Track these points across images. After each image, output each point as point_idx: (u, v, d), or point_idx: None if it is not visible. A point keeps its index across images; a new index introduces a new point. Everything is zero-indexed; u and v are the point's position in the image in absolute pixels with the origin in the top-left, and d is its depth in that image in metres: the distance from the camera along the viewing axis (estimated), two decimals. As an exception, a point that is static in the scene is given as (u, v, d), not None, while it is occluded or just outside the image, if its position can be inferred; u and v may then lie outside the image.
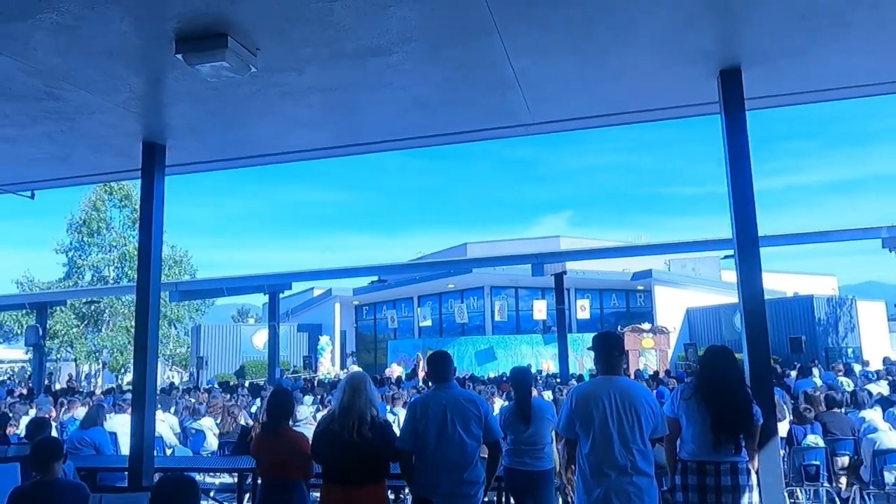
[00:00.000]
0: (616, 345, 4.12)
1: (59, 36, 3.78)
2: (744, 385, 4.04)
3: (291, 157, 6.15)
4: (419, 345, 27.87)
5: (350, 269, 22.42)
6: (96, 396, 15.19)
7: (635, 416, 3.81)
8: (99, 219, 31.61)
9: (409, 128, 5.48)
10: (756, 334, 4.22)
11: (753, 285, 4.28)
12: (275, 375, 21.46)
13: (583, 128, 5.48)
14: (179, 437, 9.72)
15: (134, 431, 5.15)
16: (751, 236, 4.33)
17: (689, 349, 22.83)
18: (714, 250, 21.43)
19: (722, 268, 31.41)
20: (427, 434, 3.95)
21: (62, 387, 22.14)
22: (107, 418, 8.64)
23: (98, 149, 5.73)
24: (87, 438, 7.20)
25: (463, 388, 4.44)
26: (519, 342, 26.21)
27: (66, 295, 28.02)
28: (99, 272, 32.19)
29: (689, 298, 26.83)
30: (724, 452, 3.91)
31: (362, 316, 33.93)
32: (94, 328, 32.25)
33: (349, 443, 3.88)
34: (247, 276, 23.01)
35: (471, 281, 28.00)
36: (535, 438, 5.14)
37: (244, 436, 8.08)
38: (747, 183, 4.38)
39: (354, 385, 4.02)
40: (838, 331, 22.29)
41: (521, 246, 28.68)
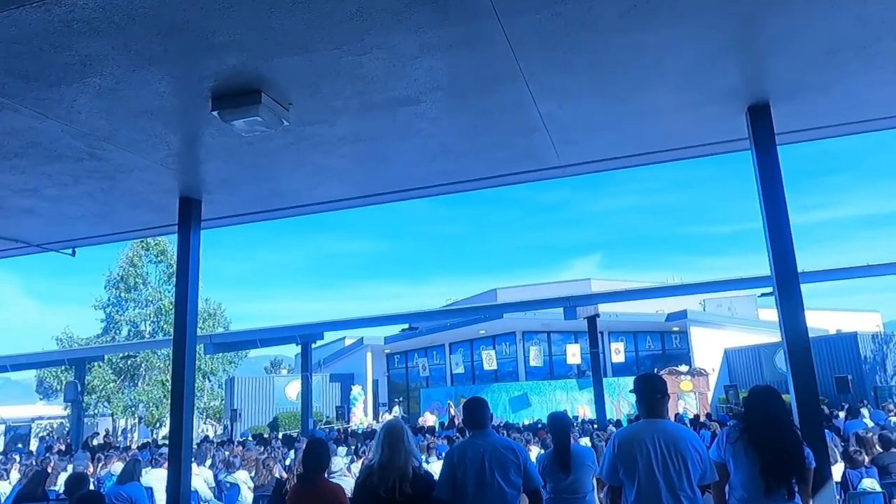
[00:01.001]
0: (659, 387, 4.00)
1: (101, 99, 3.94)
2: (793, 426, 3.89)
3: (323, 207, 6.25)
4: (451, 392, 27.53)
5: (381, 318, 22.42)
6: (132, 451, 15.26)
7: (682, 462, 3.68)
8: (136, 274, 32.33)
9: (438, 174, 5.55)
10: (802, 373, 4.09)
11: (796, 322, 4.17)
12: (308, 426, 21.34)
13: (612, 168, 5.49)
14: (214, 490, 9.67)
15: (170, 487, 5.14)
16: (790, 272, 4.24)
17: (730, 391, 22.14)
18: (750, 288, 20.98)
19: (759, 306, 30.69)
20: (465, 483, 3.85)
21: (99, 442, 22.29)
22: (143, 473, 8.65)
23: (137, 205, 5.90)
24: (124, 494, 7.19)
25: (501, 436, 4.35)
26: (553, 388, 25.72)
27: (103, 350, 28.47)
28: (136, 327, 32.75)
29: (726, 339, 26.17)
30: (777, 498, 3.73)
31: (394, 364, 33.75)
32: (130, 383, 32.63)
33: (388, 501, 3.78)
34: (279, 328, 23.15)
35: (502, 326, 27.75)
36: (576, 486, 4.99)
37: (279, 489, 8.00)
38: (783, 218, 4.32)
39: (393, 439, 3.93)
40: (886, 369, 21.43)
41: (551, 290, 28.44)
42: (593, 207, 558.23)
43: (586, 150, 5.12)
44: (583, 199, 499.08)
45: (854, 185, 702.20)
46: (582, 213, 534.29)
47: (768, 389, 4.08)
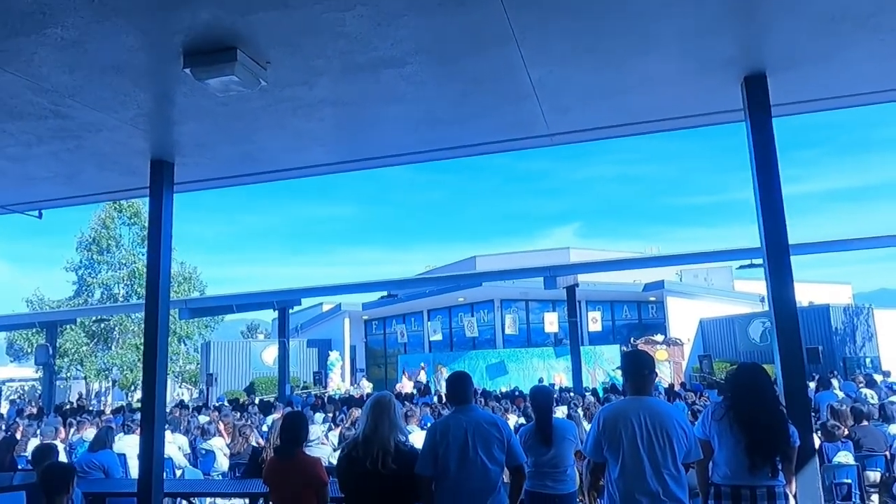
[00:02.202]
0: (647, 364, 3.93)
1: (64, 52, 3.68)
2: (778, 404, 3.86)
3: (301, 172, 6.04)
4: (429, 359, 27.64)
5: (359, 285, 22.29)
6: (106, 417, 15.07)
7: (667, 440, 3.63)
8: (108, 237, 31.69)
9: (422, 141, 5.36)
10: (790, 347, 4.05)
11: (785, 296, 4.11)
12: (285, 392, 21.29)
13: (602, 138, 5.34)
14: (189, 457, 9.57)
15: (143, 455, 5.02)
16: (781, 245, 4.16)
17: (704, 361, 22.51)
18: (729, 260, 21.15)
19: (735, 277, 31.08)
20: (448, 459, 3.77)
21: (72, 405, 22.04)
22: (116, 439, 8.51)
23: (105, 167, 5.63)
24: (95, 461, 7.06)
25: (484, 411, 4.27)
26: (530, 356, 25.93)
27: (75, 313, 28.02)
28: (109, 290, 32.22)
29: (702, 309, 26.50)
30: (760, 476, 3.71)
31: (372, 331, 33.74)
32: (103, 346, 32.24)
33: (372, 473, 3.72)
34: (256, 293, 22.91)
35: (481, 294, 27.79)
36: (557, 461, 4.95)
37: (255, 457, 7.91)
38: (775, 190, 4.23)
39: (378, 411, 3.85)
40: (856, 340, 21.91)
41: (530, 259, 28.47)
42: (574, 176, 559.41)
43: (577, 118, 4.96)
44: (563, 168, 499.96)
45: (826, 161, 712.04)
46: (562, 183, 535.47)
47: (755, 367, 4.03)
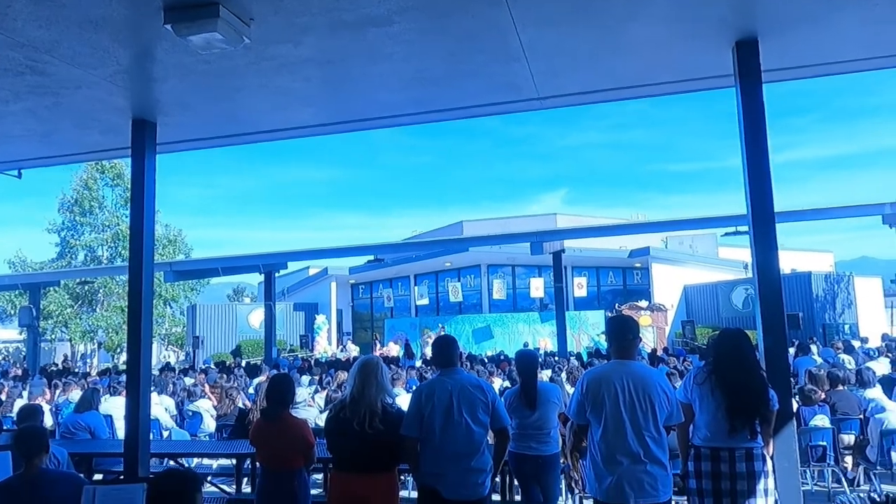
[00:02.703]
0: (631, 329, 3.96)
1: (40, 5, 3.55)
2: (759, 369, 3.92)
3: (286, 134, 5.93)
4: (416, 323, 27.81)
5: (346, 249, 22.26)
6: (91, 378, 15.09)
7: (649, 403, 3.68)
8: (91, 198, 31.27)
9: (410, 103, 5.27)
10: (771, 314, 4.08)
11: (769, 263, 4.13)
12: (271, 355, 21.38)
13: (591, 102, 5.28)
14: (176, 418, 9.62)
15: (129, 416, 5.01)
16: (767, 212, 4.17)
17: (687, 326, 22.83)
18: (714, 227, 21.29)
19: (720, 245, 31.34)
20: (433, 421, 3.82)
21: (57, 367, 22.01)
22: (102, 401, 8.52)
23: (85, 126, 5.50)
24: (81, 423, 7.08)
25: (469, 374, 4.31)
26: (516, 320, 26.16)
27: (59, 275, 27.79)
28: (92, 252, 31.93)
29: (686, 276, 26.77)
30: (739, 438, 3.79)
31: (358, 295, 33.80)
32: (88, 308, 32.08)
33: (360, 434, 3.76)
34: (242, 256, 22.81)
35: (468, 259, 27.86)
36: (541, 423, 5.03)
37: (242, 418, 7.97)
38: (763, 157, 4.21)
39: (365, 373, 3.88)
40: (836, 307, 22.27)
41: (517, 224, 28.51)
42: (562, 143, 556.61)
43: (566, 82, 4.89)
44: (551, 133, 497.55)
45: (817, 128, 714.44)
46: (550, 148, 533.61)
47: (738, 333, 4.08)
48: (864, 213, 16.14)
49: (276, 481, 4.23)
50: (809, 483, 7.00)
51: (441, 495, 3.79)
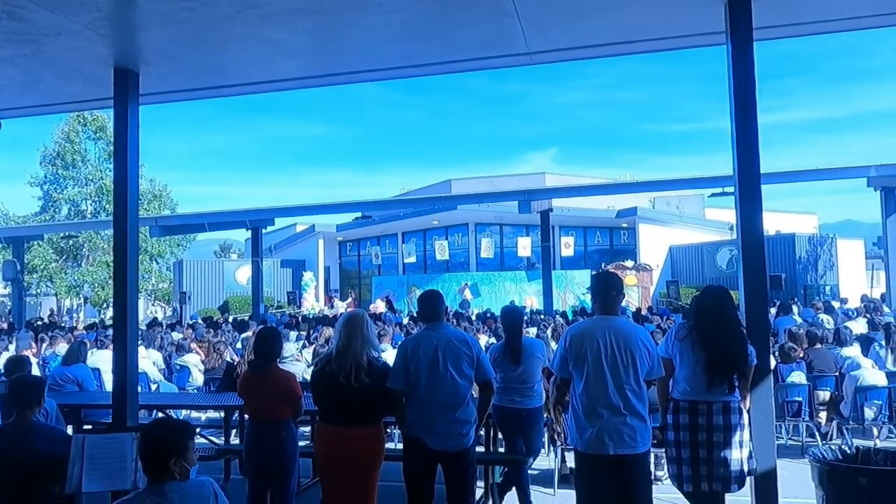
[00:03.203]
0: (614, 285, 4.03)
1: (15, -54, 3.43)
2: (739, 326, 4.00)
3: (272, 86, 5.84)
4: (403, 281, 27.91)
5: (334, 205, 22.19)
6: (78, 332, 15.09)
7: (630, 358, 3.76)
8: (73, 151, 30.74)
9: (398, 56, 5.19)
10: (754, 274, 4.13)
11: (753, 224, 4.16)
12: (259, 311, 21.44)
13: (581, 58, 5.23)
14: (164, 372, 9.69)
15: (116, 368, 5.04)
16: (753, 173, 4.18)
17: (671, 286, 23.08)
18: (702, 188, 21.40)
19: (706, 205, 31.49)
20: (419, 374, 3.88)
21: (43, 321, 21.97)
22: (89, 354, 8.55)
23: (67, 74, 5.37)
24: (69, 375, 7.11)
25: (455, 328, 4.36)
26: (503, 279, 26.32)
27: (42, 229, 27.52)
28: (76, 206, 31.56)
29: (672, 236, 26.96)
30: (717, 393, 3.89)
31: (346, 252, 33.78)
32: (73, 263, 31.87)
33: (346, 387, 3.81)
34: (229, 212, 22.67)
35: (455, 217, 27.83)
36: (525, 377, 5.12)
37: (230, 372, 8.04)
38: (752, 118, 4.20)
39: (351, 327, 3.91)
40: (818, 269, 22.59)
41: (505, 183, 28.41)
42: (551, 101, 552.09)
43: (557, 38, 4.83)
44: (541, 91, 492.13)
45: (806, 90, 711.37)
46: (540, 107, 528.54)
47: (720, 290, 4.16)
48: (849, 176, 16.27)
49: (263, 432, 4.30)
50: (784, 437, 7.22)
51: (426, 446, 3.88)
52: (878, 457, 3.93)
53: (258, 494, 4.33)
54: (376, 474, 3.99)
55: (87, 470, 3.75)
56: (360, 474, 3.91)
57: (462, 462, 3.94)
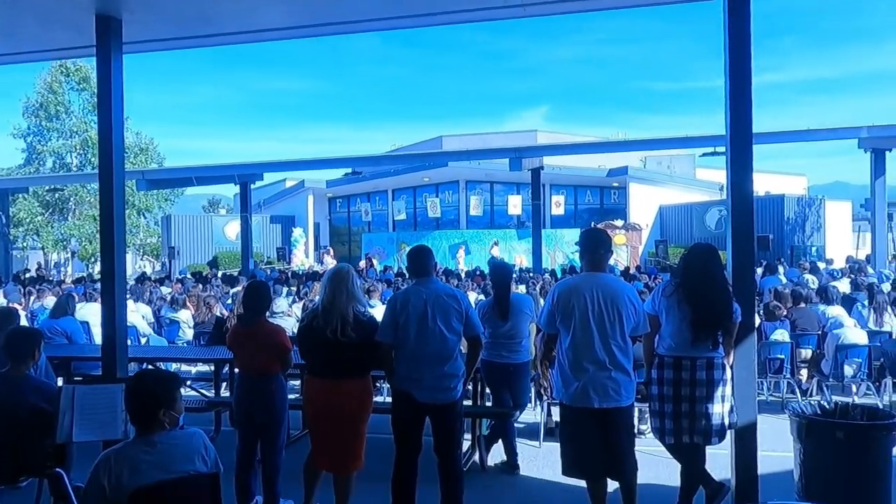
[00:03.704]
0: (603, 242, 4.04)
1: None
2: (726, 283, 4.03)
3: (261, 36, 5.69)
4: (393, 238, 27.90)
5: (324, 161, 21.97)
6: (66, 286, 15.04)
7: (616, 313, 3.80)
8: (56, 102, 30.10)
9: (389, 4, 5.06)
10: (742, 232, 4.15)
11: (743, 183, 4.16)
12: (248, 266, 21.42)
13: (576, 11, 5.11)
14: (154, 326, 9.70)
15: (105, 321, 5.03)
16: (745, 133, 4.16)
17: (660, 246, 23.24)
18: (694, 147, 21.32)
19: (697, 166, 31.47)
20: (408, 328, 3.90)
21: (31, 275, 21.85)
22: (78, 307, 8.53)
23: (47, 21, 5.21)
24: (58, 328, 7.11)
25: (444, 284, 4.37)
26: (493, 237, 26.37)
27: (27, 182, 27.15)
28: (61, 159, 31.06)
29: (663, 196, 26.99)
30: (702, 349, 3.95)
31: (336, 208, 33.62)
32: (60, 217, 31.55)
33: (332, 342, 3.83)
34: (217, 166, 22.44)
35: (446, 175, 27.69)
36: (513, 332, 5.17)
37: (219, 326, 8.07)
38: (746, 76, 4.15)
39: (336, 281, 3.92)
40: (805, 230, 22.76)
41: (497, 140, 28.23)
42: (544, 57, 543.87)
43: (551, -13, 4.72)
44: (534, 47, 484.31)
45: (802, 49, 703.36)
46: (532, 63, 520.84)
47: (708, 248, 4.18)
48: (841, 137, 16.25)
49: (253, 385, 4.33)
50: (765, 393, 7.37)
51: (415, 399, 3.92)
52: (855, 412, 4.02)
53: (248, 446, 4.39)
54: (364, 427, 4.05)
55: (78, 420, 3.77)
56: (348, 427, 3.96)
57: (450, 415, 3.99)
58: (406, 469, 3.97)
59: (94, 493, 2.48)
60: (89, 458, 2.79)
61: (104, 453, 2.57)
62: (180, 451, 2.62)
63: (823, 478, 3.71)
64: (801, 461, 3.85)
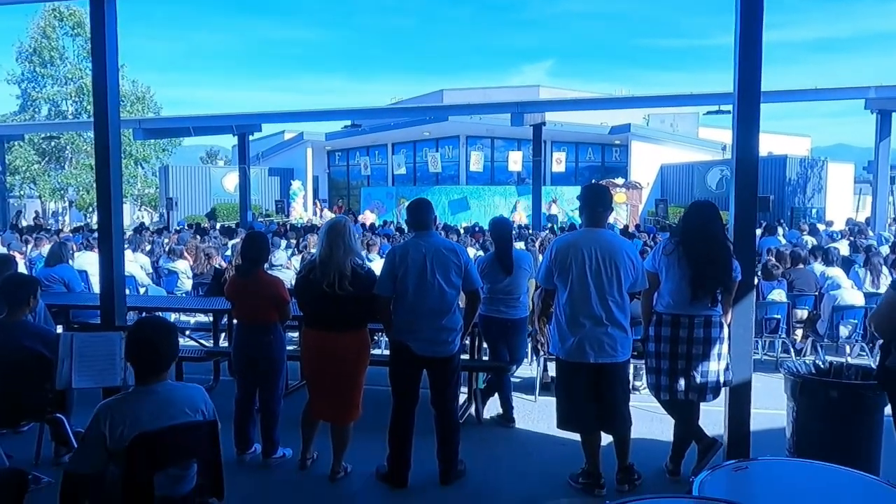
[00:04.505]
0: (602, 199, 4.00)
1: None
2: (726, 241, 4.01)
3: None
4: (392, 192, 27.77)
5: (323, 112, 21.70)
6: (63, 234, 15.00)
7: (614, 269, 3.79)
8: (51, 48, 29.47)
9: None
10: (745, 192, 4.10)
11: (749, 141, 4.10)
12: (247, 218, 21.37)
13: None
14: (152, 277, 9.71)
15: (103, 269, 5.03)
16: (754, 91, 4.07)
17: (660, 205, 23.15)
18: (698, 105, 21.04)
19: (700, 125, 31.13)
20: (406, 281, 3.89)
21: (29, 224, 21.80)
22: (76, 256, 8.51)
23: (37, -40, 5.06)
24: (55, 275, 7.10)
25: (443, 238, 4.35)
26: (493, 193, 26.24)
27: (22, 129, 26.83)
28: (56, 106, 30.60)
29: (665, 154, 26.76)
30: (700, 307, 3.95)
31: (335, 161, 33.36)
32: (56, 165, 31.28)
33: (330, 295, 3.82)
34: (215, 116, 22.16)
35: (447, 129, 27.40)
36: (511, 288, 5.17)
37: (218, 277, 8.07)
38: (757, 33, 4.04)
39: (333, 234, 3.88)
40: (806, 191, 22.66)
41: (499, 94, 27.80)
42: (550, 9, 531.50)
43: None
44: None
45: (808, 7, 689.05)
46: (538, 16, 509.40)
47: (708, 205, 4.14)
48: (847, 97, 16.03)
49: (251, 334, 4.35)
50: (760, 352, 7.44)
51: (412, 351, 3.94)
52: (849, 372, 4.05)
53: (246, 395, 4.43)
54: (361, 378, 4.08)
55: (77, 367, 3.80)
56: (346, 378, 3.99)
57: (447, 368, 4.02)
58: (403, 420, 4.01)
59: (94, 439, 2.50)
60: (90, 404, 2.80)
61: (105, 402, 2.59)
62: (180, 400, 2.64)
63: (815, 436, 3.76)
64: (793, 419, 3.89)
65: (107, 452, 2.49)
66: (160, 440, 2.52)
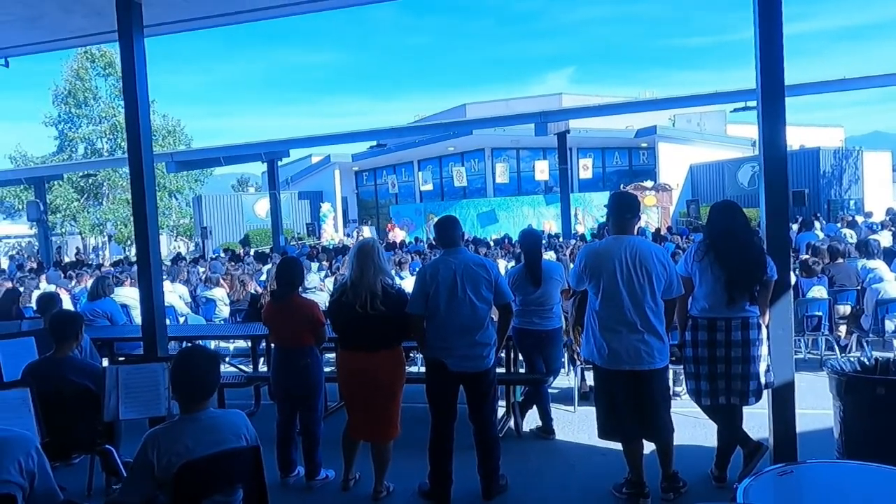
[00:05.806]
0: (629, 206, 3.98)
1: None
2: (754, 236, 3.96)
3: (280, 11, 5.67)
4: (421, 209, 27.91)
5: (348, 134, 21.90)
6: (105, 269, 15.41)
7: (646, 276, 3.76)
8: (84, 89, 30.48)
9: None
10: (775, 189, 4.04)
11: (776, 138, 4.04)
12: (279, 243, 21.67)
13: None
14: (191, 306, 9.91)
15: (143, 301, 5.17)
16: (777, 86, 4.02)
17: (692, 205, 22.82)
18: (723, 103, 20.75)
19: (728, 122, 30.67)
20: (437, 298, 3.92)
21: (70, 260, 22.44)
22: (116, 291, 8.72)
23: (69, 8, 5.27)
24: (98, 310, 7.30)
25: (473, 253, 4.37)
26: (521, 203, 26.19)
27: (61, 169, 27.67)
28: (92, 144, 31.58)
29: (693, 154, 26.41)
30: (737, 308, 3.89)
31: (362, 182, 33.70)
32: (94, 201, 32.20)
33: (362, 315, 3.88)
34: (243, 145, 22.56)
35: (471, 143, 27.47)
36: (544, 299, 5.16)
37: (254, 303, 8.21)
38: (777, 24, 4.01)
39: (362, 256, 3.94)
40: (842, 183, 22.12)
41: (521, 105, 27.81)
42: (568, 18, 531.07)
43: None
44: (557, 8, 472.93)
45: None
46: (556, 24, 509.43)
47: (727, 204, 4.09)
48: (879, 84, 15.64)
49: (289, 359, 4.42)
50: (803, 351, 7.27)
51: (448, 368, 3.96)
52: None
53: (287, 418, 4.49)
54: (398, 397, 4.11)
55: (123, 399, 3.90)
56: (383, 396, 4.02)
57: (483, 382, 4.03)
58: (442, 437, 4.02)
59: (142, 468, 2.57)
60: (137, 434, 2.88)
61: (152, 431, 2.65)
62: (223, 427, 2.69)
63: (863, 435, 3.66)
64: (840, 419, 3.79)
65: (155, 481, 2.55)
66: (206, 467, 2.57)
